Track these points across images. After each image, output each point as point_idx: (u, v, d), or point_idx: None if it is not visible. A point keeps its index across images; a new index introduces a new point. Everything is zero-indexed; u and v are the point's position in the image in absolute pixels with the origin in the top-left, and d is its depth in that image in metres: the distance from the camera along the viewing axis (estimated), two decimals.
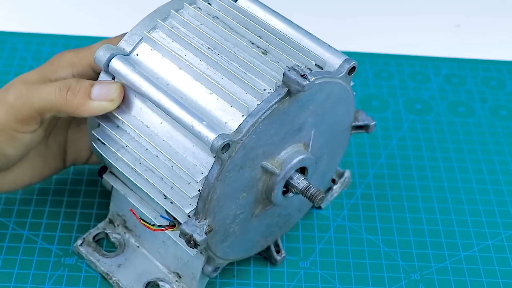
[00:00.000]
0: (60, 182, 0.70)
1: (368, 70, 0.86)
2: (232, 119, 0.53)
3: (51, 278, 0.63)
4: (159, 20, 0.57)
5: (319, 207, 0.70)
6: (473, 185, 0.73)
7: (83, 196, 0.69)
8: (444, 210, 0.71)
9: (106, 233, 0.65)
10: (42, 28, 0.89)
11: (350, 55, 0.58)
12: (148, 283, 0.62)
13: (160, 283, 0.62)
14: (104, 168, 0.62)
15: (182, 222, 0.55)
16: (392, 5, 0.98)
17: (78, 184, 0.70)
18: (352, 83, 0.59)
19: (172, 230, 0.57)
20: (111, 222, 0.65)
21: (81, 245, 0.64)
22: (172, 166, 0.54)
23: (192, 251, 0.57)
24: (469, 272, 0.65)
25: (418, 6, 0.98)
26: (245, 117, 0.52)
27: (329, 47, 0.57)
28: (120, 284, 0.62)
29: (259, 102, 0.53)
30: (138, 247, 0.64)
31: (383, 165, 0.75)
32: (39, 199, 0.68)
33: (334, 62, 0.57)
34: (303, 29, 0.58)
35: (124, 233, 0.64)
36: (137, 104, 0.56)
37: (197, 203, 0.54)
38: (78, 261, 0.64)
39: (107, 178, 0.62)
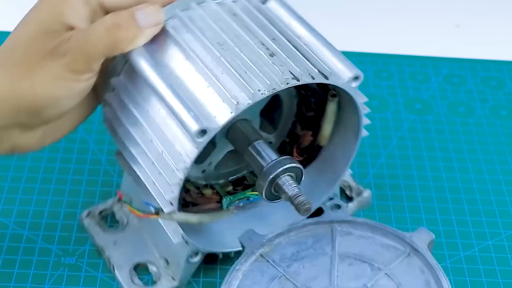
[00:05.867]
0: (60, 182, 0.70)
1: (368, 70, 0.86)
2: (221, 114, 0.53)
3: (51, 278, 0.63)
4: (178, 11, 0.58)
5: None
6: (473, 185, 0.73)
7: (83, 196, 0.69)
8: (444, 210, 0.71)
9: (113, 211, 0.66)
10: None
11: (350, 55, 0.58)
12: (138, 264, 0.63)
13: (149, 266, 0.63)
14: None
15: (164, 209, 0.56)
16: (392, 5, 0.98)
17: (78, 184, 0.70)
18: (356, 86, 0.58)
19: (156, 217, 0.58)
20: (119, 200, 0.66)
21: (86, 216, 0.65)
22: (162, 152, 0.55)
23: (175, 239, 0.58)
24: (469, 272, 0.65)
25: (418, 6, 0.98)
26: (233, 113, 0.53)
27: (344, 59, 0.58)
28: (111, 260, 0.63)
29: (250, 102, 0.53)
30: (138, 228, 0.65)
31: (383, 165, 0.75)
32: (39, 199, 0.68)
33: (344, 75, 0.57)
34: (325, 39, 0.59)
35: (129, 212, 0.65)
36: (142, 88, 0.57)
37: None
38: (78, 261, 0.64)
39: (119, 157, 0.63)
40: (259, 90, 0.53)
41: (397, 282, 0.56)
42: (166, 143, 0.54)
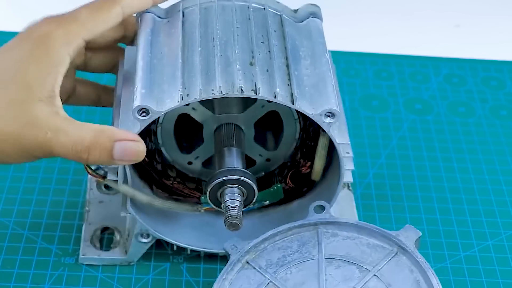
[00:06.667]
0: (60, 182, 0.70)
1: (368, 70, 0.86)
2: (170, 101, 0.54)
3: (51, 278, 0.63)
4: (200, 1, 0.60)
5: None
6: (473, 185, 0.73)
7: (83, 196, 0.69)
8: (444, 210, 0.71)
9: None
10: None
11: (350, 55, 0.58)
12: (107, 228, 0.65)
13: (115, 232, 0.65)
14: None
15: (107, 176, 0.58)
16: (392, 5, 0.98)
17: (78, 185, 0.70)
18: (330, 122, 0.55)
19: (102, 181, 0.59)
20: None
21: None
22: (118, 120, 0.56)
23: (121, 211, 0.59)
24: (469, 272, 0.65)
25: (418, 6, 0.99)
26: (179, 104, 0.53)
27: (331, 93, 0.55)
28: (86, 216, 0.65)
29: (197, 97, 0.53)
30: None
31: (383, 165, 0.75)
32: (39, 199, 0.68)
33: (320, 107, 0.54)
34: (328, 68, 0.57)
35: None
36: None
37: None
38: (78, 261, 0.64)
39: None
40: (212, 90, 0.54)
41: (386, 283, 0.55)
42: (126, 113, 0.56)
